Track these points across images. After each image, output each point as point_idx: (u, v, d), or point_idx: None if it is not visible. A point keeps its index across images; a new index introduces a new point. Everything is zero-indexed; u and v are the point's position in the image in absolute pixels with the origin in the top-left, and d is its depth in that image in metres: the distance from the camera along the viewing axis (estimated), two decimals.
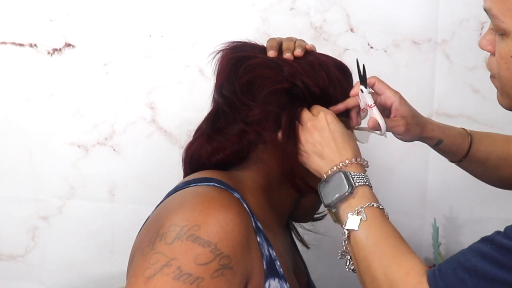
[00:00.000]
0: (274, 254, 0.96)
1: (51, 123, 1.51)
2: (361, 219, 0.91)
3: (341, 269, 1.58)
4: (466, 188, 1.50)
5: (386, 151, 1.49)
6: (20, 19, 1.47)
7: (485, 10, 0.92)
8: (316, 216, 1.16)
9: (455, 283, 0.82)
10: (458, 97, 1.50)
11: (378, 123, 1.04)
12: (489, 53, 0.94)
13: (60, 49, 1.48)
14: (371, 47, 1.49)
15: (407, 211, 1.55)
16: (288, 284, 0.97)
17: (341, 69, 1.09)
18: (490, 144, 1.22)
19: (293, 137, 1.01)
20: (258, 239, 0.94)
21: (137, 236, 0.98)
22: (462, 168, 1.24)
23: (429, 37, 1.49)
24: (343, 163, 0.96)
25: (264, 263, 0.93)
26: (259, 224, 0.96)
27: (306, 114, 1.02)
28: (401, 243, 0.90)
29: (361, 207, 0.92)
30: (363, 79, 1.05)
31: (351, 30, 1.49)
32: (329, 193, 0.96)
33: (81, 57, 1.48)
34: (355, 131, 1.11)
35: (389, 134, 1.09)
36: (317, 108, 1.02)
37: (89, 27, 1.48)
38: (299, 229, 1.21)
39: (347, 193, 0.94)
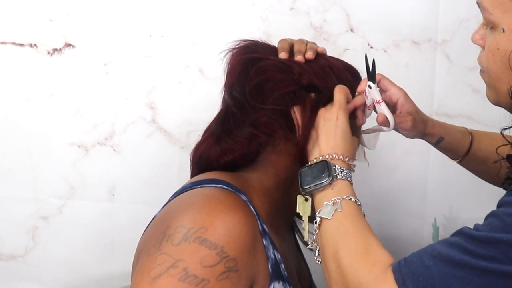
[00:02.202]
0: (279, 257, 0.97)
1: (51, 123, 1.51)
2: (336, 209, 0.91)
3: None
4: (466, 188, 1.50)
5: (386, 151, 1.49)
6: (20, 19, 1.47)
7: (477, 3, 0.93)
8: None
9: (420, 269, 0.81)
10: (458, 97, 1.50)
11: (387, 118, 1.04)
12: (482, 48, 0.96)
13: (60, 49, 1.48)
14: (371, 47, 1.49)
15: (407, 211, 1.55)
16: (291, 287, 0.97)
17: (352, 73, 1.09)
18: (491, 143, 1.22)
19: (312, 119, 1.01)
20: (264, 242, 0.94)
21: (142, 235, 0.98)
22: (464, 167, 1.24)
23: (429, 37, 1.48)
24: (331, 156, 0.96)
25: (269, 266, 0.93)
26: (265, 227, 0.96)
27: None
28: (372, 237, 0.90)
29: (338, 198, 0.92)
30: (371, 75, 1.05)
31: (351, 30, 1.49)
32: (308, 179, 0.95)
33: (81, 57, 1.48)
34: (364, 137, 1.11)
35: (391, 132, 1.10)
36: (338, 94, 1.02)
37: (89, 27, 1.48)
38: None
39: (325, 183, 0.93)
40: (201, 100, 1.47)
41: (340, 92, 1.01)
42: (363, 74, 1.11)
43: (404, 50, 1.48)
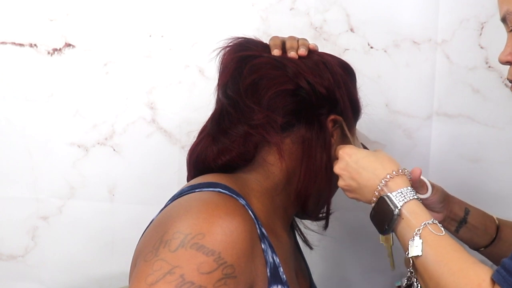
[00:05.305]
0: (278, 260, 0.96)
1: (51, 123, 1.51)
2: (422, 242, 0.92)
3: (343, 270, 1.58)
4: (466, 189, 1.50)
5: (386, 152, 1.49)
6: (20, 19, 1.47)
7: (503, 20, 0.92)
8: (321, 215, 1.14)
9: None
10: (458, 97, 1.50)
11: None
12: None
13: (60, 49, 1.48)
14: (371, 47, 1.48)
15: None
16: None
17: (345, 68, 1.09)
18: None
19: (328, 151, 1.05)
20: (263, 246, 0.93)
21: (140, 238, 0.97)
22: (488, 256, 1.20)
23: (429, 37, 1.48)
24: (381, 184, 0.98)
25: (267, 270, 0.92)
26: (263, 230, 0.95)
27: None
28: (463, 254, 0.90)
29: (418, 230, 0.92)
30: None
31: (351, 30, 1.48)
32: (379, 223, 0.98)
33: (81, 57, 1.48)
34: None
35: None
36: (336, 150, 1.05)
37: (89, 27, 1.47)
38: (303, 229, 1.21)
39: (395, 217, 0.95)
40: (201, 100, 1.46)
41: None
42: (359, 72, 1.11)
43: (404, 50, 1.48)
